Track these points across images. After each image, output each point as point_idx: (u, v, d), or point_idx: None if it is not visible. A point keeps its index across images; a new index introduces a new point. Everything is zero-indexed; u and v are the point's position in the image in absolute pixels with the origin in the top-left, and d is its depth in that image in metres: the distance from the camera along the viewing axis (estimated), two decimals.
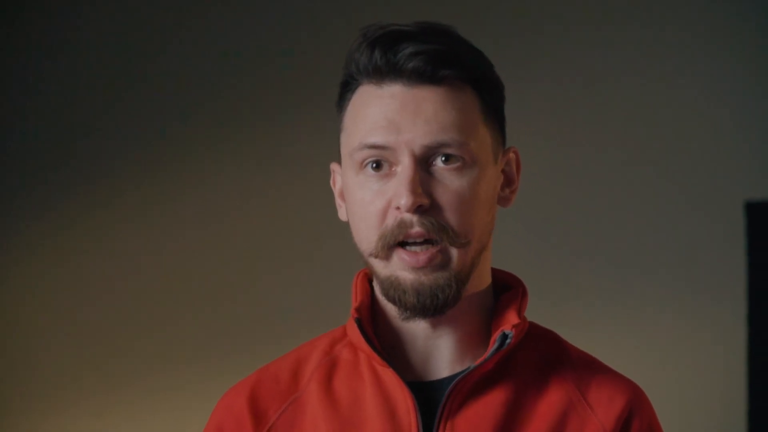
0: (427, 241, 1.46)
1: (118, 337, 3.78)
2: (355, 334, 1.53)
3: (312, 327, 2.25)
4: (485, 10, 3.74)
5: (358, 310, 1.53)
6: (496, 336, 1.51)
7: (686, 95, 3.73)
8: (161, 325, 3.78)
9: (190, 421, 3.62)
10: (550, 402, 1.52)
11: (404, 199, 1.45)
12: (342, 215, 1.56)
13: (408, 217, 1.46)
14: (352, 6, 3.77)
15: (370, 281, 1.57)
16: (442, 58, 1.47)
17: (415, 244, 1.47)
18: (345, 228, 1.55)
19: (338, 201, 1.57)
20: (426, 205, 1.46)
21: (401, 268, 1.47)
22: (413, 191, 1.45)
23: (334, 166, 1.58)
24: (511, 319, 1.53)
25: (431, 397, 1.51)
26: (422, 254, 1.46)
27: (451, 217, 1.46)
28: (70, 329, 3.78)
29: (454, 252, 1.47)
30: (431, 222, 1.45)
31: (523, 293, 1.57)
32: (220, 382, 2.51)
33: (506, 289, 1.59)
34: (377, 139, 1.47)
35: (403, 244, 1.47)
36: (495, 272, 1.59)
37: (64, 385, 3.77)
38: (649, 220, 3.74)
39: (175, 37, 3.84)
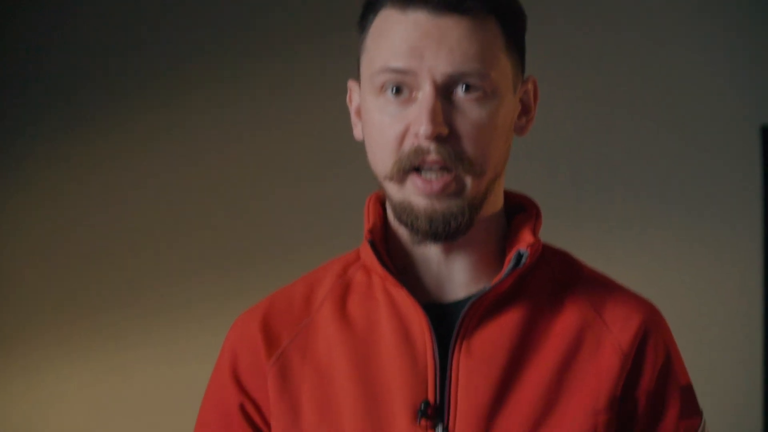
0: (442, 168, 1.46)
1: (132, 248, 3.79)
2: (368, 255, 1.53)
3: (324, 249, 2.25)
4: None
5: (371, 231, 1.53)
6: (512, 255, 1.51)
7: (704, 20, 3.70)
8: (176, 241, 3.79)
9: (204, 338, 3.63)
10: (566, 321, 1.52)
11: (424, 127, 1.44)
12: (357, 134, 1.55)
13: (426, 144, 1.45)
14: None
15: (383, 204, 1.56)
16: None
17: (430, 170, 1.46)
18: (358, 151, 1.54)
19: (354, 119, 1.56)
20: (444, 134, 1.45)
21: (415, 193, 1.47)
22: (433, 120, 1.44)
23: (351, 84, 1.57)
24: (526, 238, 1.53)
25: (446, 319, 1.51)
26: (436, 182, 1.46)
27: (468, 146, 1.45)
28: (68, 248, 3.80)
29: (468, 180, 1.46)
30: (448, 151, 1.45)
31: (537, 214, 1.57)
32: (235, 302, 2.52)
33: (519, 211, 1.59)
34: (400, 63, 1.46)
35: (418, 170, 1.46)
36: (508, 194, 1.59)
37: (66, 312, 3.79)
38: (664, 145, 3.73)
39: None
